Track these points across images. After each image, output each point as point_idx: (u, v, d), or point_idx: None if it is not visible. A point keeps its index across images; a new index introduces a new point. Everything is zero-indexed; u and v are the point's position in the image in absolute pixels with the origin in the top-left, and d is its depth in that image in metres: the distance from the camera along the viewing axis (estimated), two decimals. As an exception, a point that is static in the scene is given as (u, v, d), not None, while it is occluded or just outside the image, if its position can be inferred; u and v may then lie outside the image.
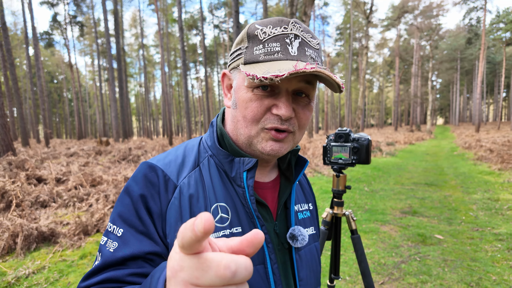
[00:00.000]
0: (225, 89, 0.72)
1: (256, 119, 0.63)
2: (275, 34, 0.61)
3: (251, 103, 0.62)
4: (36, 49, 20.56)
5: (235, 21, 9.99)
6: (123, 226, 0.61)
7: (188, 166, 0.68)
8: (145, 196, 0.62)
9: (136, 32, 50.09)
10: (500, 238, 3.81)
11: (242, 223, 0.65)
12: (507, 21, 33.65)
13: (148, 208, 0.61)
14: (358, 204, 5.56)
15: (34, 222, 4.20)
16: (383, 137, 22.50)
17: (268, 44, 0.61)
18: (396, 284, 2.82)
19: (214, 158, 0.70)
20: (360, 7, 21.90)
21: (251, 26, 0.64)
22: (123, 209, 0.62)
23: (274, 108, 0.62)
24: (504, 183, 6.90)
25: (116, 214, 0.62)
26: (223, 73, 0.72)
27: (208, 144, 0.73)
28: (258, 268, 0.64)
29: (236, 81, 0.66)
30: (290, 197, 0.75)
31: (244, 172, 0.65)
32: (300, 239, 0.70)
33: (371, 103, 74.04)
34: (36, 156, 9.43)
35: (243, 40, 0.65)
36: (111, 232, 0.61)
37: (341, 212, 1.74)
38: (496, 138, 15.77)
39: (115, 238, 0.60)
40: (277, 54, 0.60)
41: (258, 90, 0.62)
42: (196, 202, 0.63)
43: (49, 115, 36.08)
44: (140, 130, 65.75)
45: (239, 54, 0.65)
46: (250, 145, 0.66)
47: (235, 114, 0.67)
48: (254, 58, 0.62)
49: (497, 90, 49.56)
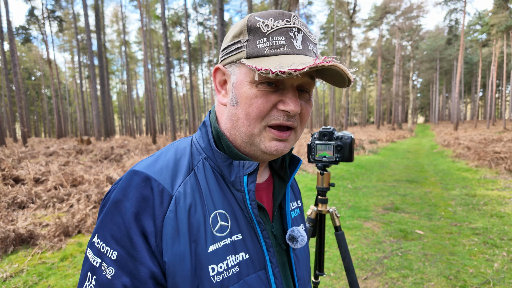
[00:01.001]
0: (217, 85, 0.67)
1: (261, 116, 0.59)
2: (278, 27, 0.58)
3: (256, 99, 0.58)
4: (12, 44, 19.79)
5: (220, 19, 9.92)
6: (116, 248, 0.54)
7: (182, 171, 0.62)
8: (138, 214, 0.55)
9: (118, 28, 48.96)
10: (476, 232, 3.96)
11: (241, 229, 0.62)
12: (483, 23, 34.86)
13: (142, 227, 0.55)
14: (342, 201, 5.64)
15: (11, 224, 4.05)
16: (366, 135, 22.91)
17: (272, 37, 0.58)
18: (379, 279, 2.88)
19: (209, 160, 0.65)
20: (344, 7, 22.19)
21: (251, 18, 0.59)
22: (114, 228, 0.55)
23: (281, 104, 0.59)
24: (481, 179, 7.17)
25: (108, 233, 0.56)
26: (216, 68, 0.66)
27: (201, 145, 0.67)
28: (260, 274, 0.62)
29: (236, 76, 0.61)
30: (284, 197, 0.74)
31: (245, 176, 0.62)
32: (300, 240, 0.69)
33: (354, 102, 75.26)
34: (13, 156, 9.08)
35: (242, 32, 0.60)
36: (104, 254, 0.55)
37: (325, 209, 1.76)
38: (473, 136, 16.33)
39: (110, 262, 0.54)
40: (283, 48, 0.57)
41: (263, 86, 0.58)
42: (194, 212, 0.58)
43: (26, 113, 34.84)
44: (122, 129, 64.41)
45: (238, 48, 0.60)
46: (251, 144, 0.63)
47: (234, 111, 0.62)
48: (258, 52, 0.57)
49: (474, 89, 51.32)
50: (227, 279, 0.57)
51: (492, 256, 3.28)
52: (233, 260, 0.59)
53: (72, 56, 50.06)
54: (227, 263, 0.58)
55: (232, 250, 0.59)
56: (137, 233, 0.54)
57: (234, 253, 0.59)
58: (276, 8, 9.50)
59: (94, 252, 0.56)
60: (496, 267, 3.04)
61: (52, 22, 38.06)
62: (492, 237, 3.77)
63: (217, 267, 0.56)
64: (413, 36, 34.87)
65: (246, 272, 0.60)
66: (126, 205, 0.56)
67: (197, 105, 51.48)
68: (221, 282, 0.56)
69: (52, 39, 38.09)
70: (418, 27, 37.33)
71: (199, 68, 52.01)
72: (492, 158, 8.78)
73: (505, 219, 4.43)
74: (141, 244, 0.54)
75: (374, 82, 64.26)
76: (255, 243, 0.63)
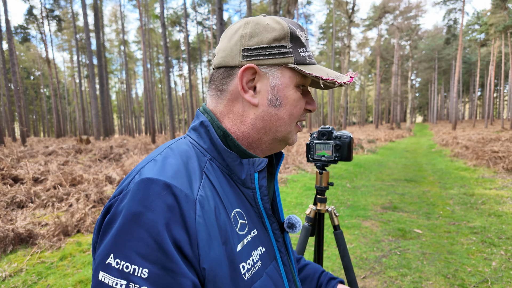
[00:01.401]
0: (245, 85, 0.64)
1: (299, 115, 0.68)
2: (305, 38, 0.66)
3: (300, 101, 0.67)
4: (10, 43, 19.73)
5: (219, 18, 9.91)
6: (146, 265, 0.48)
7: (196, 175, 0.59)
8: (168, 225, 0.50)
9: (117, 27, 48.83)
10: (475, 231, 3.98)
11: (255, 225, 0.65)
12: (481, 22, 34.94)
13: (173, 238, 0.50)
14: (341, 200, 5.66)
15: (10, 223, 4.05)
16: (365, 135, 22.94)
17: (307, 48, 0.66)
18: (378, 278, 2.90)
19: (215, 161, 0.64)
20: (343, 7, 22.19)
21: (290, 26, 0.63)
22: (139, 244, 0.48)
23: (308, 105, 0.69)
24: (479, 179, 7.19)
25: (131, 251, 0.48)
26: (248, 67, 0.62)
27: (203, 146, 0.65)
28: (273, 264, 0.66)
29: (280, 80, 0.63)
30: (275, 188, 0.78)
31: (256, 173, 0.64)
32: (298, 226, 0.74)
33: (353, 101, 75.23)
34: (12, 155, 9.07)
35: (284, 38, 0.62)
36: (131, 274, 0.47)
37: (324, 208, 1.77)
38: (472, 136, 16.37)
39: (140, 281, 0.47)
40: (310, 58, 0.67)
41: (299, 89, 0.67)
42: (219, 214, 0.57)
43: (25, 112, 34.74)
44: (121, 128, 64.29)
45: (284, 53, 0.62)
46: (281, 141, 0.69)
47: (275, 112, 0.64)
48: (302, 60, 0.64)
49: (472, 89, 51.43)
50: (255, 274, 0.60)
51: (490, 255, 3.30)
52: (256, 255, 0.62)
53: (71, 55, 49.94)
54: (253, 259, 0.61)
55: (253, 245, 0.62)
56: (170, 245, 0.49)
57: (255, 248, 0.62)
58: (275, 8, 9.50)
59: (114, 274, 0.48)
60: (494, 266, 3.06)
61: (51, 21, 37.98)
62: (490, 236, 3.79)
63: (246, 265, 0.59)
64: (411, 36, 34.91)
65: (265, 264, 0.64)
66: (150, 217, 0.50)
67: (196, 105, 51.38)
68: (251, 279, 0.58)
69: (51, 38, 37.97)
70: (416, 27, 37.37)
71: (198, 68, 51.99)
72: (490, 157, 8.81)
73: (503, 218, 4.45)
74: (176, 256, 0.49)
75: (372, 82, 64.30)
76: (266, 236, 0.68)
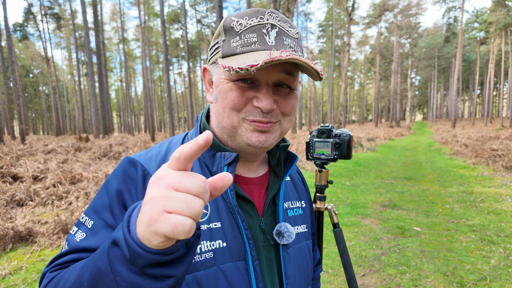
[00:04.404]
0: (207, 84, 0.71)
1: (236, 108, 0.62)
2: (251, 25, 0.60)
3: (231, 92, 0.61)
4: (9, 41, 19.66)
5: (218, 16, 9.88)
6: (94, 218, 0.61)
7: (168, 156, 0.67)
8: (121, 191, 0.62)
9: (116, 25, 48.69)
10: (473, 229, 3.99)
11: (222, 218, 0.64)
12: (481, 20, 34.89)
13: (123, 202, 0.61)
14: (340, 198, 5.67)
15: (10, 221, 4.05)
16: (364, 133, 22.94)
17: (244, 35, 0.60)
18: (377, 276, 2.91)
19: None
20: (342, 5, 22.14)
21: (227, 19, 0.62)
22: (98, 202, 0.63)
23: (255, 100, 0.61)
24: (478, 177, 7.20)
25: (91, 207, 0.63)
26: (204, 68, 0.71)
27: (192, 136, 0.73)
28: (238, 264, 0.63)
29: (216, 76, 0.65)
30: (278, 193, 0.74)
31: (225, 166, 0.64)
32: (287, 235, 0.69)
33: (352, 99, 75.25)
34: (11, 153, 9.05)
35: (220, 33, 0.63)
36: (82, 223, 0.62)
37: (324, 206, 1.77)
38: (471, 134, 16.38)
39: (84, 229, 0.60)
40: (254, 45, 0.59)
41: (239, 82, 0.61)
42: None
43: (24, 110, 34.69)
44: (121, 126, 64.23)
45: (217, 48, 0.64)
46: (235, 137, 0.65)
47: (216, 107, 0.66)
48: (231, 51, 0.60)
49: (472, 87, 51.42)
50: (200, 263, 0.60)
51: (489, 253, 3.31)
52: (208, 246, 0.62)
53: (70, 53, 49.80)
54: (200, 248, 0.61)
55: (208, 236, 0.62)
56: (118, 207, 0.61)
57: (210, 239, 0.62)
58: (275, 6, 9.48)
59: (75, 224, 0.63)
60: (492, 264, 3.07)
61: (49, 19, 37.85)
62: (489, 234, 3.80)
63: None
64: (411, 34, 34.86)
65: (222, 259, 0.62)
66: (112, 182, 0.64)
67: (195, 103, 51.34)
68: (193, 264, 0.59)
69: (50, 36, 37.83)
70: (416, 25, 37.32)
71: (197, 66, 51.86)
72: (490, 155, 8.82)
73: (502, 216, 4.46)
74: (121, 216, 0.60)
75: (372, 80, 64.23)
76: (236, 233, 0.65)
